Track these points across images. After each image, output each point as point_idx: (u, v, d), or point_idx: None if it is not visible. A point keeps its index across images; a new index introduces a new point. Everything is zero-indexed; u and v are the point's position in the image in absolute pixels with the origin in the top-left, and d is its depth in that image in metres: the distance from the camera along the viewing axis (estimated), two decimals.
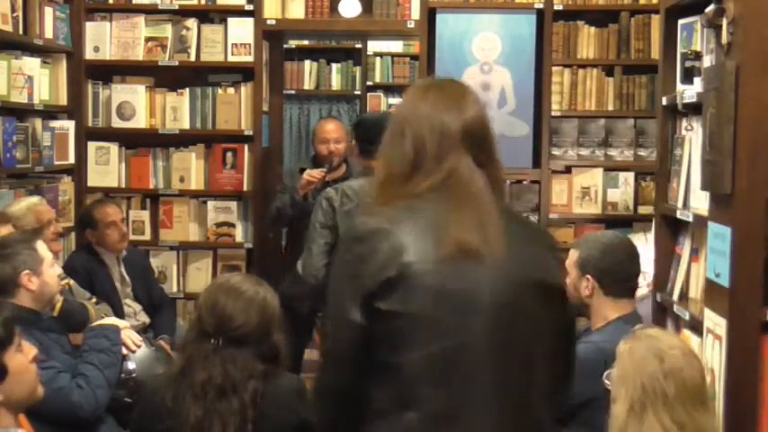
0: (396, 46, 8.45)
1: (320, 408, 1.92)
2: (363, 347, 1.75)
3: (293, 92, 8.31)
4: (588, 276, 2.95)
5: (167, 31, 5.30)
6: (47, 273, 3.08)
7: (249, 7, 5.20)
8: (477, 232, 1.76)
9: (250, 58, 5.24)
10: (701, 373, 2.20)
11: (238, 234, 5.28)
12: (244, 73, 5.30)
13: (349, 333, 1.76)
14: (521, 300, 1.77)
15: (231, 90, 5.32)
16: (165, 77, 5.35)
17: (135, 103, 5.29)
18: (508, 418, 1.74)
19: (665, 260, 3.21)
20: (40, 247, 3.13)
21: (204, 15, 5.32)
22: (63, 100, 5.03)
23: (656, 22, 4.97)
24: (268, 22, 5.22)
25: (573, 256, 3.02)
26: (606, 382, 2.27)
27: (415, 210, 1.78)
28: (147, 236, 5.34)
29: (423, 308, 1.72)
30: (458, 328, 1.73)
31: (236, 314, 2.51)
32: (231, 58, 5.26)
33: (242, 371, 2.46)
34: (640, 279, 3.66)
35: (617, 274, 2.94)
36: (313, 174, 4.66)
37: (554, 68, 5.14)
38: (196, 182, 5.32)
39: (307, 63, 8.37)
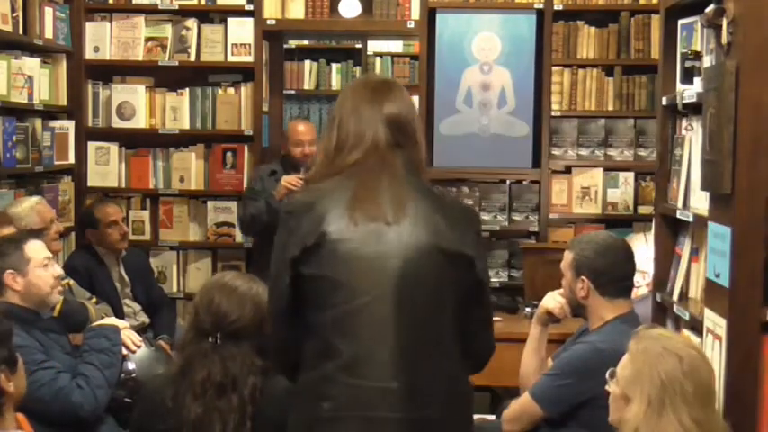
0: (396, 46, 8.44)
1: (272, 360, 2.33)
2: (291, 308, 2.05)
3: (293, 92, 8.31)
4: (583, 278, 2.95)
5: (167, 31, 5.30)
6: (33, 273, 3.08)
7: (249, 7, 5.20)
8: (389, 204, 2.03)
9: (250, 58, 5.24)
10: (714, 374, 2.21)
11: (238, 234, 5.28)
12: (244, 73, 5.30)
13: (280, 295, 2.06)
14: (424, 264, 2.01)
15: (231, 90, 5.32)
16: (165, 77, 5.35)
17: (135, 103, 5.29)
18: (409, 367, 1.97)
19: (665, 260, 3.21)
20: (30, 247, 3.12)
21: (204, 15, 5.32)
22: (63, 100, 5.03)
23: (656, 22, 4.97)
24: (268, 22, 5.22)
25: (567, 257, 3.01)
26: (609, 380, 2.27)
27: (339, 185, 2.06)
28: (147, 236, 5.35)
29: (337, 271, 1.99)
30: (367, 289, 1.99)
31: (231, 309, 2.53)
32: (231, 58, 5.26)
33: (241, 366, 2.47)
34: (639, 279, 3.67)
35: (612, 274, 2.94)
36: (292, 181, 4.60)
37: (554, 68, 5.15)
38: (196, 182, 5.32)
39: (307, 63, 8.37)
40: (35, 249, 3.13)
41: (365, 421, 1.97)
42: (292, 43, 8.05)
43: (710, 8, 2.50)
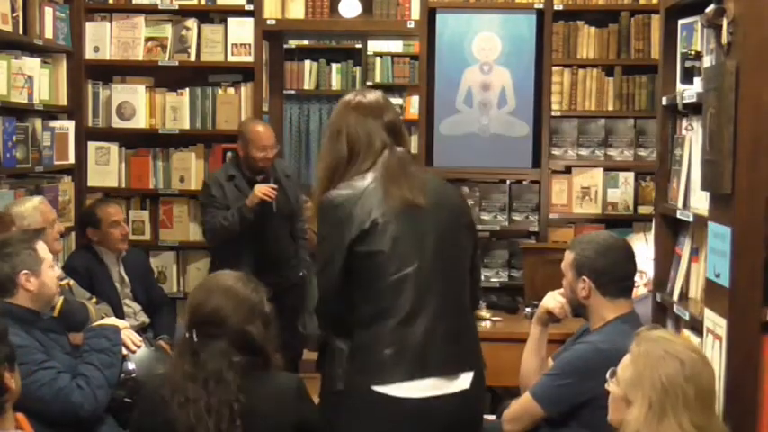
0: (396, 46, 8.45)
1: (321, 323, 2.73)
2: (343, 279, 2.54)
3: (293, 92, 8.32)
4: (584, 278, 2.95)
5: (167, 31, 5.30)
6: (45, 273, 3.08)
7: (249, 7, 5.20)
8: (412, 191, 2.57)
9: (250, 58, 5.24)
10: (714, 378, 2.21)
11: None
12: (244, 73, 5.30)
13: (334, 275, 2.55)
14: (450, 234, 2.62)
15: (231, 90, 5.32)
16: (165, 77, 5.35)
17: (135, 103, 5.29)
18: (449, 311, 2.58)
19: (665, 260, 3.21)
20: (40, 247, 3.13)
21: (204, 15, 5.32)
22: (63, 100, 5.03)
23: (656, 22, 4.97)
24: (268, 22, 5.22)
25: (568, 257, 3.01)
26: (610, 380, 2.27)
27: (368, 181, 2.57)
28: (147, 236, 5.35)
29: (388, 247, 2.52)
30: (412, 258, 2.54)
31: (203, 302, 2.56)
32: (231, 58, 5.26)
33: (221, 361, 2.48)
34: (638, 279, 3.67)
35: (613, 274, 2.94)
36: (266, 191, 4.56)
37: (554, 68, 5.15)
38: (196, 182, 5.32)
39: (307, 63, 8.37)
40: (44, 249, 3.14)
41: (420, 356, 2.51)
42: (292, 43, 8.06)
43: (710, 8, 2.50)
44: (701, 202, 2.79)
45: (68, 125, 5.06)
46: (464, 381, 2.58)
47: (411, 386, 2.51)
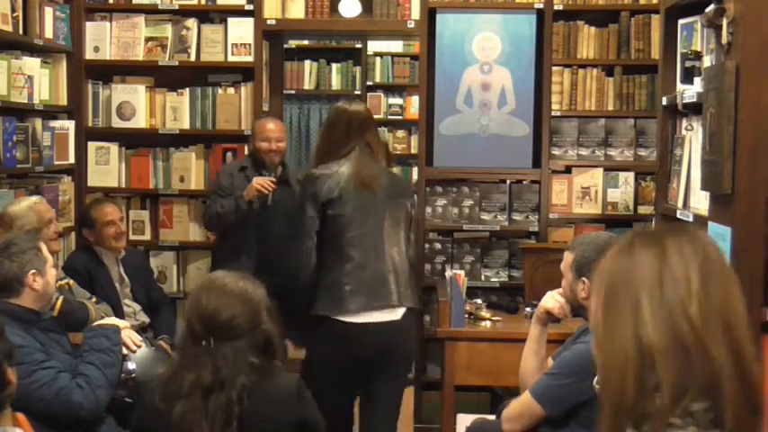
0: (396, 46, 8.45)
1: (303, 263, 3.65)
2: (315, 230, 3.63)
3: (293, 92, 8.32)
4: (584, 279, 2.94)
5: (167, 31, 5.30)
6: (49, 273, 3.09)
7: (249, 7, 5.20)
8: (368, 176, 3.66)
9: (250, 58, 5.24)
10: None
11: None
12: (244, 73, 5.30)
13: (310, 222, 3.63)
14: (391, 208, 3.70)
15: (231, 90, 5.32)
16: (165, 77, 5.35)
17: (135, 103, 5.29)
18: (390, 262, 3.64)
19: None
20: (43, 247, 3.14)
21: (204, 15, 5.32)
22: (63, 100, 5.03)
23: (656, 22, 4.97)
24: (268, 22, 5.22)
25: (568, 258, 3.01)
26: (596, 386, 2.26)
27: (342, 165, 3.68)
28: (147, 236, 5.35)
29: (348, 212, 3.62)
30: (364, 222, 3.63)
31: (221, 308, 2.52)
32: (231, 58, 5.26)
33: (233, 366, 2.46)
34: None
35: None
36: (264, 183, 4.59)
37: (554, 68, 5.14)
38: (196, 182, 5.32)
39: (307, 63, 8.37)
40: (46, 249, 3.15)
41: (371, 293, 3.58)
42: (292, 43, 8.06)
43: (710, 8, 2.50)
44: (701, 202, 2.79)
45: (68, 125, 5.06)
46: (398, 314, 3.62)
47: (361, 314, 3.56)
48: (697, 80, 2.85)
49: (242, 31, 5.23)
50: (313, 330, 3.62)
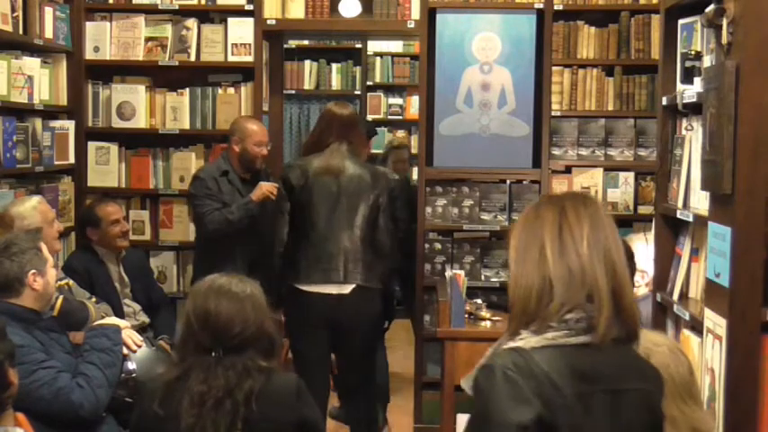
0: (396, 46, 8.45)
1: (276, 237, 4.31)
2: (287, 210, 4.27)
3: (293, 92, 8.32)
4: None
5: (167, 31, 5.30)
6: (50, 273, 3.09)
7: (249, 7, 5.20)
8: (336, 165, 4.21)
9: (250, 58, 5.24)
10: (689, 368, 2.19)
11: None
12: (244, 73, 5.31)
13: (284, 204, 4.27)
14: (354, 196, 4.21)
15: (231, 90, 5.32)
16: (165, 77, 5.35)
17: (135, 103, 5.29)
18: (346, 244, 4.18)
19: (665, 260, 3.21)
20: (44, 247, 3.14)
21: (204, 15, 5.32)
22: (63, 100, 5.03)
23: (656, 22, 4.97)
24: (268, 22, 5.22)
25: None
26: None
27: (315, 157, 4.26)
28: (147, 236, 5.35)
29: (315, 196, 4.19)
30: (331, 202, 4.19)
31: (232, 319, 2.48)
32: (231, 58, 5.26)
33: (241, 373, 2.45)
34: (639, 278, 3.67)
35: None
36: (271, 190, 4.52)
37: (554, 68, 5.14)
38: None
39: (307, 63, 8.38)
40: (46, 249, 3.15)
41: (321, 269, 4.16)
42: (292, 43, 8.06)
43: (710, 8, 2.50)
44: (701, 202, 2.79)
45: (68, 125, 5.06)
46: (347, 289, 4.16)
47: (316, 286, 4.17)
48: (697, 80, 2.85)
49: (242, 31, 5.23)
50: (284, 295, 4.28)
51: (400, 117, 8.36)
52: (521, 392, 1.70)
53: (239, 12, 5.24)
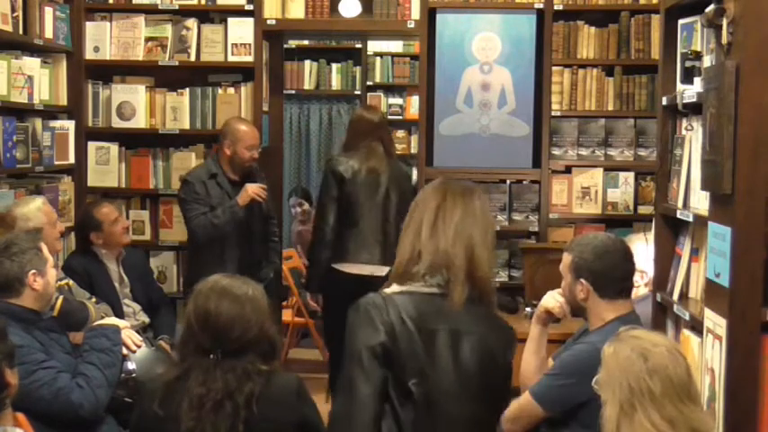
0: (396, 46, 8.44)
1: (319, 239, 4.78)
2: (333, 213, 4.72)
3: (293, 92, 8.31)
4: (582, 280, 2.94)
5: (167, 31, 5.30)
6: (50, 273, 3.09)
7: (249, 7, 5.20)
8: (379, 164, 4.74)
9: (250, 58, 5.24)
10: (687, 368, 2.19)
11: None
12: (244, 73, 5.30)
13: (332, 199, 4.71)
14: (394, 188, 4.75)
15: (231, 90, 5.32)
16: (165, 77, 5.35)
17: (135, 103, 5.29)
18: (382, 231, 4.71)
19: (665, 260, 3.20)
20: (44, 247, 3.14)
21: (204, 15, 5.32)
22: (63, 100, 5.03)
23: (656, 22, 4.97)
24: (268, 22, 5.22)
25: (566, 259, 3.00)
26: (595, 387, 2.26)
27: (353, 155, 4.76)
28: (147, 236, 5.35)
29: (360, 192, 4.71)
30: (373, 197, 4.72)
31: (233, 322, 2.47)
32: (231, 58, 5.26)
33: (241, 376, 2.45)
34: (638, 279, 3.66)
35: (611, 276, 2.93)
36: (258, 192, 4.57)
37: (554, 68, 5.14)
38: None
39: (307, 63, 8.37)
40: (46, 249, 3.14)
41: (366, 252, 4.70)
42: (292, 43, 8.05)
43: (710, 8, 2.50)
44: (701, 202, 2.79)
45: (68, 125, 5.06)
46: (384, 270, 4.33)
47: (360, 266, 4.68)
48: (697, 80, 2.85)
49: (242, 31, 5.23)
50: (316, 277, 4.84)
51: (400, 117, 8.35)
52: (372, 322, 2.22)
53: (239, 12, 5.23)
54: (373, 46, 8.37)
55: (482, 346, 2.29)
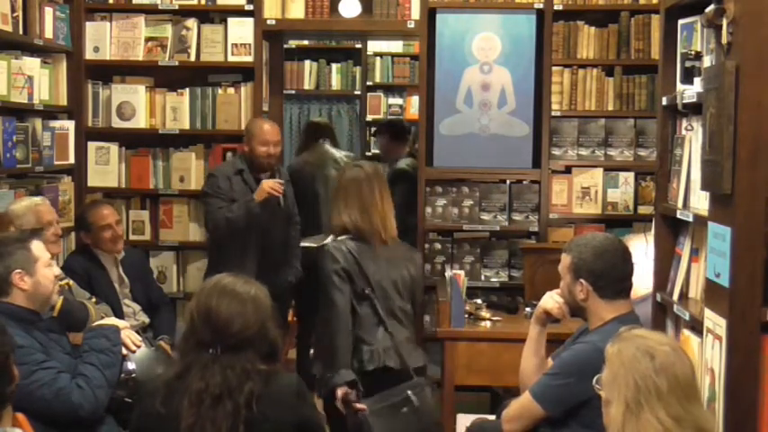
0: (396, 46, 8.45)
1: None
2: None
3: (293, 92, 8.32)
4: (582, 281, 2.94)
5: (167, 31, 5.30)
6: (40, 272, 3.08)
7: (249, 7, 5.20)
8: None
9: (250, 58, 5.24)
10: (692, 368, 2.19)
11: None
12: (244, 73, 5.30)
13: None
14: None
15: (231, 90, 5.32)
16: (165, 77, 5.35)
17: (135, 103, 5.29)
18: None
19: (665, 260, 3.21)
20: (35, 246, 3.12)
21: (204, 15, 5.32)
22: (63, 100, 5.03)
23: (656, 22, 4.97)
24: (268, 22, 5.22)
25: (565, 260, 3.00)
26: (596, 386, 2.26)
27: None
28: (147, 236, 5.35)
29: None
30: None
31: (232, 318, 2.49)
32: (231, 58, 5.26)
33: (240, 375, 2.45)
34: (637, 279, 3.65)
35: (610, 276, 2.93)
36: (275, 186, 4.59)
37: (554, 68, 5.14)
38: (196, 182, 5.32)
39: (307, 63, 8.38)
40: (40, 248, 3.14)
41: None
42: (292, 43, 8.06)
43: (710, 8, 2.50)
44: (701, 202, 2.79)
45: (68, 125, 5.06)
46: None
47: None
48: (697, 80, 2.85)
49: (242, 31, 5.23)
50: None
51: (400, 117, 8.36)
52: (334, 256, 3.60)
53: (239, 12, 5.23)
54: (373, 46, 8.37)
55: (398, 265, 3.72)
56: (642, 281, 3.36)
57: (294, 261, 5.01)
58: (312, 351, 3.97)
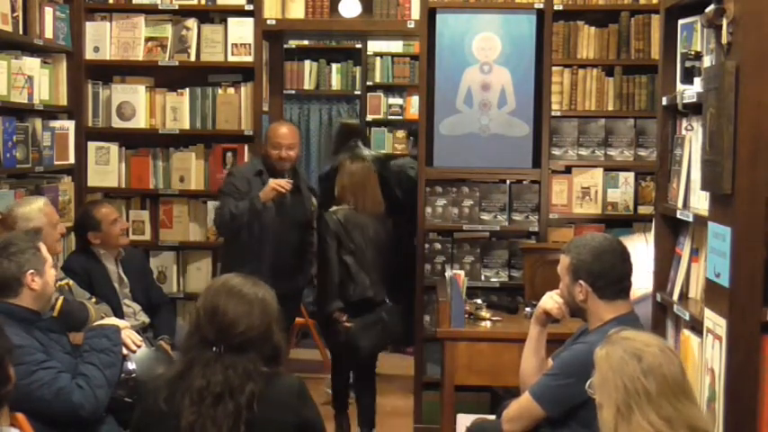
0: (396, 46, 8.44)
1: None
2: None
3: (293, 92, 8.31)
4: (581, 282, 2.94)
5: (167, 31, 5.30)
6: (48, 273, 3.09)
7: (249, 7, 5.20)
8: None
9: (250, 58, 5.24)
10: (681, 366, 2.18)
11: None
12: (244, 73, 5.31)
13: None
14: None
15: (231, 90, 5.32)
16: (165, 77, 5.35)
17: (135, 103, 5.29)
18: None
19: (665, 260, 3.21)
20: (43, 247, 3.14)
21: (204, 15, 5.32)
22: (63, 100, 5.03)
23: (656, 22, 4.97)
24: (268, 22, 5.22)
25: (564, 261, 3.00)
26: (589, 390, 2.26)
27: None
28: (147, 236, 5.35)
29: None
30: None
31: (238, 319, 2.49)
32: (231, 58, 5.26)
33: (242, 375, 2.45)
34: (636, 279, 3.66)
35: (609, 276, 2.93)
36: (282, 184, 4.58)
37: (554, 68, 5.14)
38: (196, 182, 5.32)
39: (307, 63, 8.37)
40: (45, 249, 3.14)
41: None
42: (292, 43, 8.05)
43: (710, 8, 2.50)
44: (700, 202, 2.79)
45: (68, 125, 5.07)
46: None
47: None
48: (697, 80, 2.85)
49: (242, 31, 5.23)
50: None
51: (400, 117, 8.35)
52: (327, 223, 4.72)
53: (239, 12, 5.24)
54: (373, 46, 8.37)
55: (376, 229, 4.83)
56: (642, 281, 3.37)
57: (307, 267, 5.03)
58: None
